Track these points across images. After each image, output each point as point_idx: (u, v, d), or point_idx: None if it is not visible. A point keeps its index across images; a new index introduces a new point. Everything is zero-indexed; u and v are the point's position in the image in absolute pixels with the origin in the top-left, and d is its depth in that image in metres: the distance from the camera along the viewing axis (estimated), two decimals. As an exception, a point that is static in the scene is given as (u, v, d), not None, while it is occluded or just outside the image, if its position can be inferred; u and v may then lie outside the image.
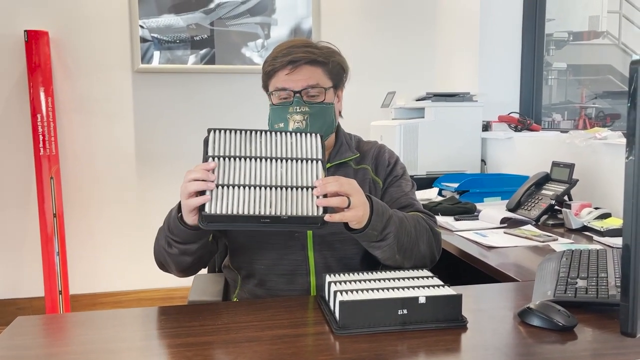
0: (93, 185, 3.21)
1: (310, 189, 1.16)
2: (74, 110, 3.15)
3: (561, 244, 1.67)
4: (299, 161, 1.19)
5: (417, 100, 2.87)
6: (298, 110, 1.33)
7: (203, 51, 3.24)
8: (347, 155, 1.42)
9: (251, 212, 1.11)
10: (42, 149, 2.99)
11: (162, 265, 1.34)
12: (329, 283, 1.10)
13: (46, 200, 3.00)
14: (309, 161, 1.20)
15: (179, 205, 1.20)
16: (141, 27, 3.15)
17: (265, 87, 1.42)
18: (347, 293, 1.03)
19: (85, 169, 3.20)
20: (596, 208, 1.90)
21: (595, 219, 1.84)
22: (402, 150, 2.68)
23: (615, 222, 1.78)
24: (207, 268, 1.63)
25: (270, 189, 1.15)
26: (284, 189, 1.15)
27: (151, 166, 3.26)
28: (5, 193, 3.12)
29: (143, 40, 3.16)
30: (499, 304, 1.18)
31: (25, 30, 2.96)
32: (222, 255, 1.53)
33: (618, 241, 1.63)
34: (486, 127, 2.87)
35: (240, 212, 1.11)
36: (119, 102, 3.20)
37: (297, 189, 1.15)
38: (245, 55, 3.28)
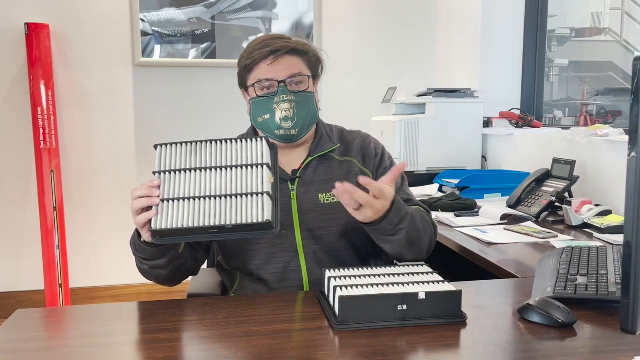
0: (93, 179, 3.21)
1: (255, 195, 1.12)
2: (74, 103, 3.15)
3: (561, 240, 1.67)
4: (245, 168, 1.16)
5: (418, 95, 2.86)
6: (284, 98, 1.32)
7: (204, 45, 3.24)
8: (328, 147, 1.41)
9: (197, 224, 1.10)
10: (42, 142, 2.99)
11: (147, 279, 1.33)
12: (329, 278, 1.09)
13: (46, 194, 3.00)
14: (255, 167, 1.16)
15: None
16: (142, 20, 3.15)
17: (243, 83, 1.40)
18: (346, 288, 1.02)
19: (85, 163, 3.19)
20: (597, 205, 1.90)
21: (596, 216, 1.84)
22: (402, 146, 2.67)
23: (616, 220, 1.78)
24: (206, 263, 1.63)
25: (216, 198, 1.12)
26: (229, 197, 1.12)
27: (151, 160, 3.22)
28: (5, 186, 3.12)
29: (144, 34, 3.16)
30: (498, 300, 1.18)
31: (25, 23, 2.95)
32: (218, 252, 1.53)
33: (618, 238, 1.63)
34: (487, 123, 2.86)
35: (187, 225, 1.10)
36: (120, 95, 3.19)
37: (242, 196, 1.13)
38: (246, 50, 3.26)
